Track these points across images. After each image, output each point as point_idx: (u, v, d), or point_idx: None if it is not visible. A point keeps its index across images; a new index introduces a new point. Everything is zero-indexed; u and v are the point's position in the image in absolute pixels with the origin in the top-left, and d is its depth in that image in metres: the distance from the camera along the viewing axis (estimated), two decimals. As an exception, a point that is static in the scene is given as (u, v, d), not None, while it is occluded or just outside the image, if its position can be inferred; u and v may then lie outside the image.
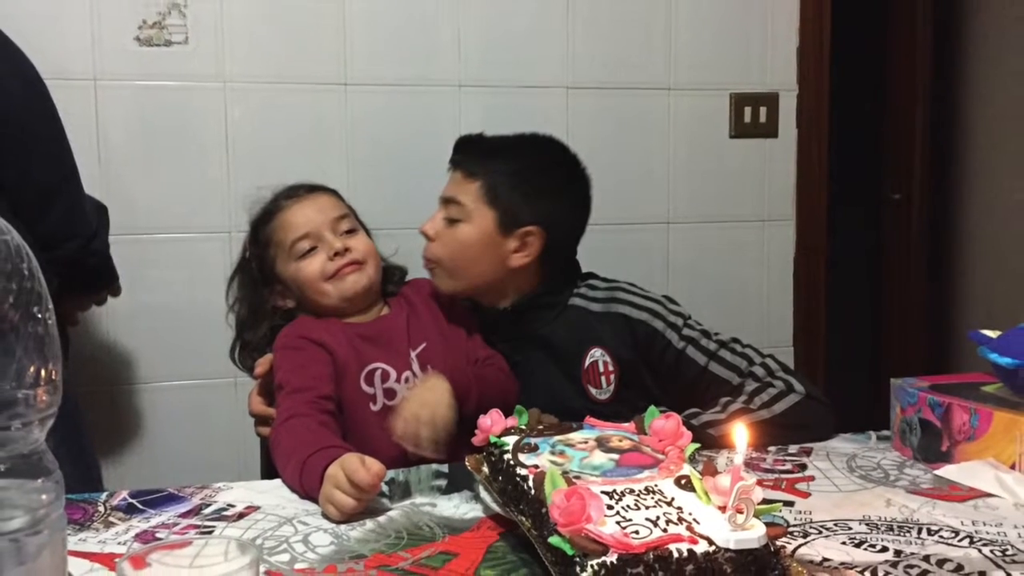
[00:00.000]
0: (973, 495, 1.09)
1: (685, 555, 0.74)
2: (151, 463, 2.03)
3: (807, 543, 0.95)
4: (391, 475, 1.16)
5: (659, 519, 0.79)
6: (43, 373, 0.66)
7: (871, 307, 3.52)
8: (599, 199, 1.58)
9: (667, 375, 1.43)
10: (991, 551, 0.93)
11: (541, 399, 1.21)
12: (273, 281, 1.49)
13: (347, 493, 1.04)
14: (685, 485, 0.86)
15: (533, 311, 1.51)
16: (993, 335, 1.21)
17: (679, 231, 2.32)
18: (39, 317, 0.66)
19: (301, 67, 2.06)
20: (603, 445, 0.96)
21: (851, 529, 0.99)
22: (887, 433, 1.32)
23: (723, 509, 0.78)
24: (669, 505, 0.82)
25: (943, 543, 0.95)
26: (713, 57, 2.30)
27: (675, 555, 0.74)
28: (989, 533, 0.98)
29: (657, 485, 0.86)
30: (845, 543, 0.95)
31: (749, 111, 2.32)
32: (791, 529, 0.99)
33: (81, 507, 1.09)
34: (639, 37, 2.25)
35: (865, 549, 0.93)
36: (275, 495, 1.14)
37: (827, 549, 0.93)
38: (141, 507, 1.10)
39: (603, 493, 0.82)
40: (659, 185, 2.30)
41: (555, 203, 1.50)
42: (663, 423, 0.99)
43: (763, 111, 2.33)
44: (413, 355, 1.45)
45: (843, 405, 1.42)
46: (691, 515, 0.80)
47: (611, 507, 0.80)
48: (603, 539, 0.75)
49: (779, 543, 0.81)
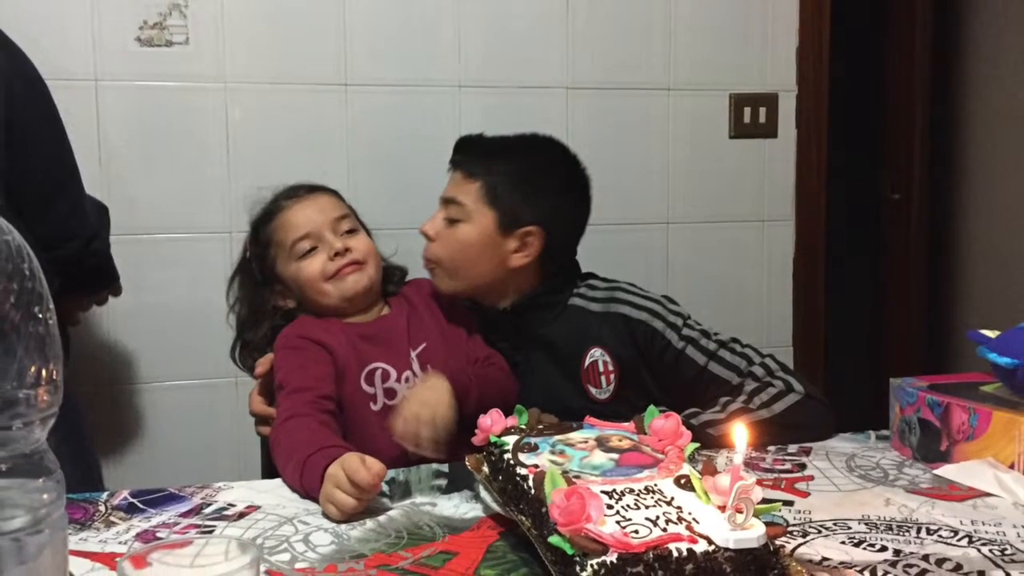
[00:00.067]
0: (972, 495, 1.09)
1: (685, 554, 0.74)
2: (152, 463, 2.04)
3: (806, 542, 0.95)
4: (391, 475, 1.16)
5: (659, 519, 0.79)
6: (44, 373, 0.66)
7: (870, 307, 3.52)
8: (599, 199, 1.58)
9: (667, 375, 1.43)
10: (990, 550, 0.93)
11: (541, 399, 1.21)
12: (274, 281, 1.49)
13: (348, 493, 1.04)
14: (685, 485, 0.86)
15: (533, 311, 1.51)
16: (992, 335, 1.21)
17: (679, 231, 2.33)
18: (40, 317, 0.66)
19: (301, 67, 2.06)
20: (603, 445, 0.96)
21: (850, 528, 0.99)
22: (886, 433, 1.32)
23: (723, 509, 0.78)
24: (669, 505, 0.82)
25: (942, 542, 0.95)
26: (712, 58, 2.30)
27: (675, 554, 0.74)
28: (988, 532, 0.98)
29: (657, 485, 0.86)
30: (844, 542, 0.95)
31: (749, 111, 2.33)
32: (790, 528, 0.99)
33: (82, 506, 1.09)
34: (639, 38, 2.26)
35: (864, 548, 0.94)
36: (276, 495, 1.15)
37: (826, 548, 0.94)
38: (142, 507, 1.10)
39: (603, 493, 0.82)
40: (659, 185, 2.31)
41: (555, 203, 1.51)
42: (663, 423, 0.99)
43: (762, 111, 2.34)
44: (413, 355, 1.45)
45: (842, 405, 1.42)
46: (691, 514, 0.80)
47: (611, 507, 0.80)
48: (603, 538, 0.75)
49: (778, 542, 0.81)
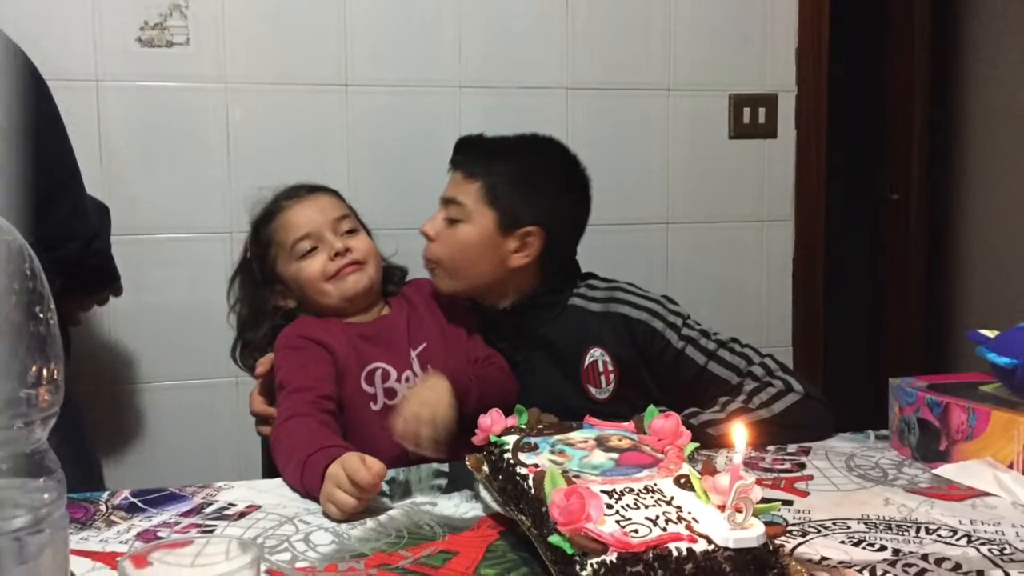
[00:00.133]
0: (971, 494, 1.09)
1: (684, 554, 0.74)
2: (152, 462, 2.04)
3: (806, 542, 0.96)
4: (391, 474, 1.16)
5: (658, 518, 0.79)
6: (45, 373, 0.67)
7: (869, 307, 3.52)
8: (599, 199, 1.58)
9: (666, 375, 1.44)
10: (989, 550, 0.93)
11: (541, 399, 1.22)
12: (274, 281, 1.50)
13: (348, 492, 1.04)
14: (684, 484, 0.86)
15: (533, 311, 1.51)
16: (991, 335, 1.21)
17: (678, 231, 2.33)
18: (41, 317, 0.67)
19: (302, 68, 2.07)
20: (603, 444, 0.97)
21: (850, 528, 0.99)
22: (885, 432, 1.33)
23: (722, 508, 0.78)
24: (668, 504, 0.82)
25: (941, 542, 0.95)
26: (712, 58, 2.31)
27: (674, 554, 0.74)
28: (987, 532, 0.98)
29: (656, 484, 0.86)
30: (844, 542, 0.95)
31: (748, 112, 2.33)
32: (790, 528, 0.99)
33: (83, 506, 1.09)
34: (638, 38, 2.26)
35: (864, 548, 0.94)
36: (276, 494, 1.15)
37: (826, 548, 0.94)
38: (142, 506, 1.10)
39: (603, 492, 0.82)
40: (658, 185, 2.31)
41: (555, 203, 1.51)
42: (662, 422, 0.99)
43: (762, 112, 2.34)
44: (413, 355, 1.45)
45: (841, 404, 1.42)
46: (690, 514, 0.80)
47: (610, 506, 0.81)
48: (603, 538, 0.75)
49: (778, 542, 0.81)
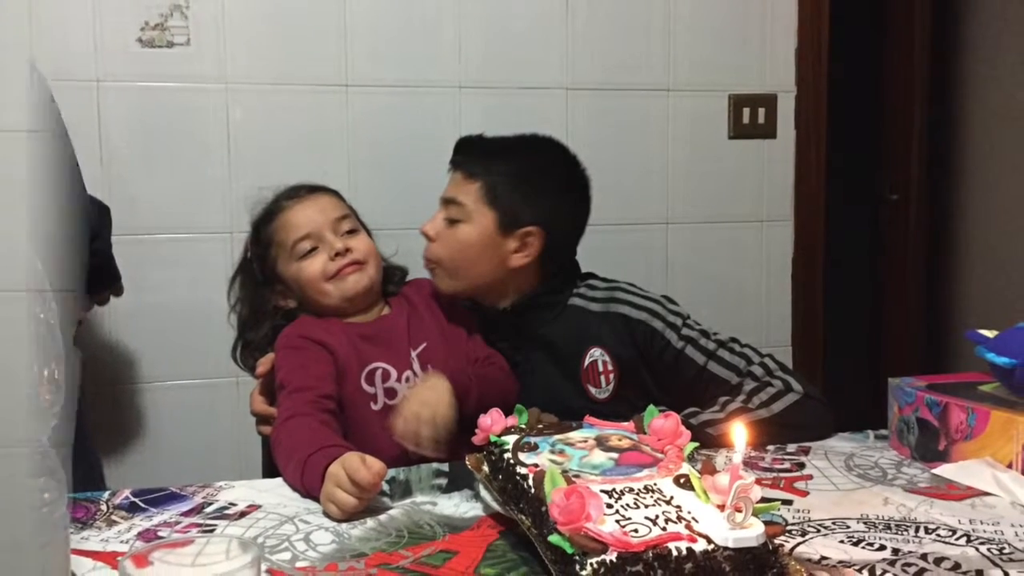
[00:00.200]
0: (970, 494, 1.10)
1: (684, 553, 0.74)
2: (153, 462, 2.04)
3: (805, 541, 0.96)
4: (392, 474, 1.16)
5: (658, 518, 0.79)
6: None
7: (869, 307, 3.52)
8: (599, 199, 1.58)
9: (666, 374, 1.44)
10: (988, 549, 0.93)
11: (541, 398, 1.22)
12: (274, 281, 1.50)
13: (348, 492, 1.05)
14: (684, 484, 0.86)
15: (533, 311, 1.51)
16: (990, 335, 1.22)
17: (678, 231, 2.33)
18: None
19: (302, 68, 2.07)
20: (602, 444, 0.97)
21: (849, 528, 1.00)
22: (885, 432, 1.33)
23: (722, 508, 0.79)
24: (668, 504, 0.82)
25: (940, 541, 0.95)
26: (712, 58, 2.31)
27: (674, 553, 0.74)
28: (986, 532, 0.98)
29: (656, 484, 0.86)
30: (843, 541, 0.96)
31: (748, 112, 2.33)
32: (789, 528, 0.99)
33: (84, 506, 1.09)
34: (638, 39, 2.26)
35: (863, 547, 0.94)
36: (276, 494, 1.15)
37: (825, 547, 0.94)
38: (143, 506, 1.10)
39: (602, 492, 0.83)
40: (658, 186, 2.31)
41: (555, 203, 1.51)
42: (662, 422, 1.00)
43: (761, 112, 2.34)
44: (414, 355, 1.45)
45: (841, 404, 1.43)
46: (690, 514, 0.80)
47: (610, 506, 0.81)
48: (602, 537, 0.75)
49: (777, 541, 0.82)
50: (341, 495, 1.05)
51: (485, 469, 1.02)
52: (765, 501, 0.83)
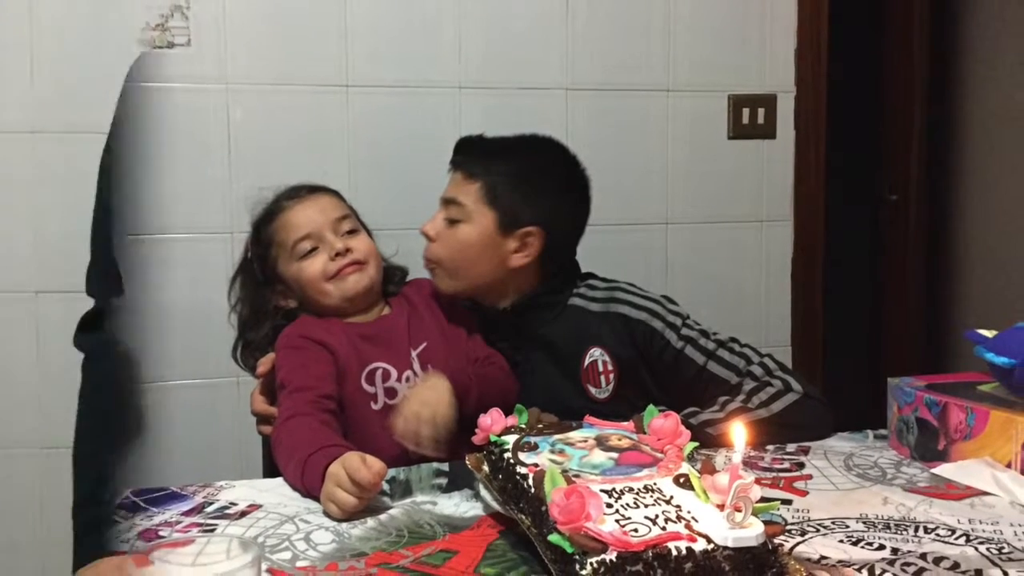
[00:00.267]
0: (970, 493, 1.10)
1: (684, 553, 0.74)
2: (154, 462, 2.04)
3: (805, 541, 0.96)
4: (392, 473, 1.16)
5: (658, 517, 0.79)
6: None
7: (868, 307, 3.52)
8: (598, 200, 1.58)
9: (666, 374, 1.44)
10: (987, 549, 0.93)
11: (541, 398, 1.22)
12: (275, 281, 1.50)
13: (348, 491, 1.05)
14: (684, 483, 0.86)
15: (533, 311, 1.52)
16: (989, 335, 1.22)
17: (678, 231, 2.33)
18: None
19: (303, 68, 2.07)
20: (602, 444, 0.97)
21: (848, 527, 1.00)
22: (884, 432, 1.33)
23: (721, 507, 0.79)
24: (668, 503, 0.82)
25: (940, 541, 0.96)
26: (711, 59, 2.31)
27: (674, 553, 0.74)
28: (985, 531, 0.98)
29: (656, 483, 0.86)
30: (842, 541, 0.96)
31: (747, 112, 2.33)
32: (789, 527, 0.99)
33: (85, 506, 1.10)
34: (638, 39, 2.26)
35: (862, 547, 0.94)
36: (277, 493, 1.15)
37: (825, 547, 0.94)
38: (144, 505, 1.10)
39: (602, 491, 0.83)
40: (658, 186, 2.31)
41: (555, 203, 1.51)
42: (662, 422, 1.00)
43: (761, 112, 2.34)
44: (414, 354, 1.46)
45: (840, 404, 1.43)
46: (690, 513, 0.81)
47: (610, 505, 0.81)
48: (602, 537, 0.75)
49: (777, 541, 0.82)
50: (341, 495, 1.05)
51: (485, 469, 1.02)
52: (765, 501, 0.83)
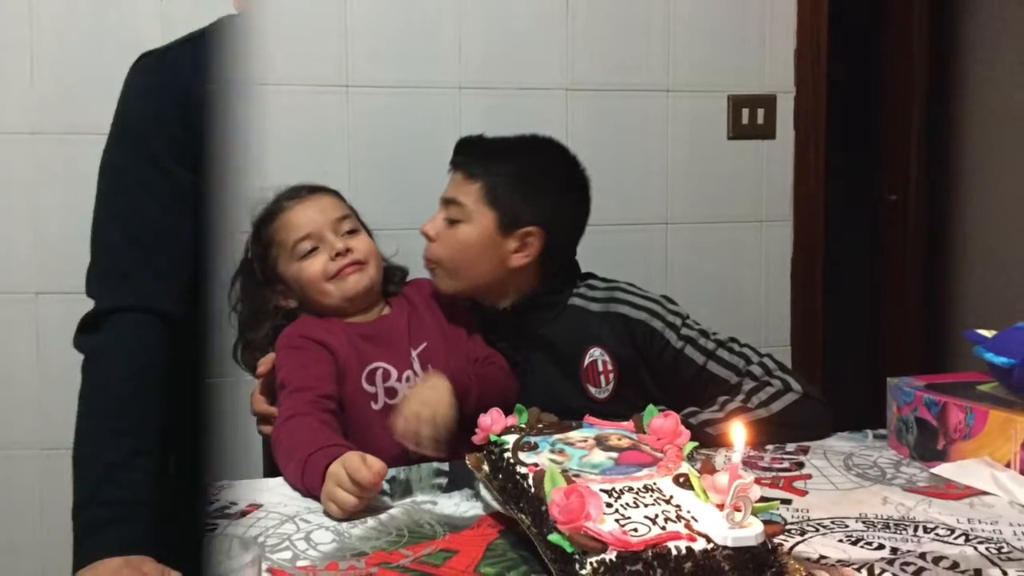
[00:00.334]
0: (969, 493, 1.10)
1: (683, 552, 0.75)
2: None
3: (804, 541, 0.96)
4: (392, 473, 1.17)
5: (658, 517, 0.80)
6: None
7: (868, 307, 3.52)
8: (598, 200, 1.58)
9: (665, 374, 1.44)
10: (987, 549, 0.93)
11: (541, 398, 1.22)
12: (275, 281, 1.50)
13: (349, 491, 1.05)
14: (683, 483, 0.86)
15: (533, 311, 1.52)
16: (989, 335, 1.22)
17: (677, 232, 2.33)
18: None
19: (302, 68, 2.07)
20: (602, 444, 0.97)
21: (848, 527, 1.00)
22: (883, 432, 1.33)
23: (721, 507, 0.79)
24: (668, 503, 0.83)
25: (939, 541, 0.96)
26: (711, 59, 2.31)
27: (673, 552, 0.74)
28: (985, 531, 0.98)
29: (656, 483, 0.86)
30: (842, 541, 0.96)
31: (747, 112, 2.33)
32: (788, 527, 1.00)
33: (85, 505, 1.10)
34: (638, 39, 2.26)
35: (862, 547, 0.94)
36: (277, 493, 1.15)
37: (824, 547, 0.94)
38: (144, 505, 1.10)
39: (602, 491, 0.83)
40: (658, 186, 2.31)
41: (555, 204, 1.51)
42: (662, 422, 1.00)
43: (761, 112, 2.34)
44: (414, 354, 1.46)
45: (840, 404, 1.43)
46: (689, 513, 0.81)
47: (610, 505, 0.81)
48: (602, 537, 0.75)
49: (776, 541, 0.82)
50: (342, 494, 1.05)
51: (485, 468, 1.02)
52: (764, 500, 0.83)
